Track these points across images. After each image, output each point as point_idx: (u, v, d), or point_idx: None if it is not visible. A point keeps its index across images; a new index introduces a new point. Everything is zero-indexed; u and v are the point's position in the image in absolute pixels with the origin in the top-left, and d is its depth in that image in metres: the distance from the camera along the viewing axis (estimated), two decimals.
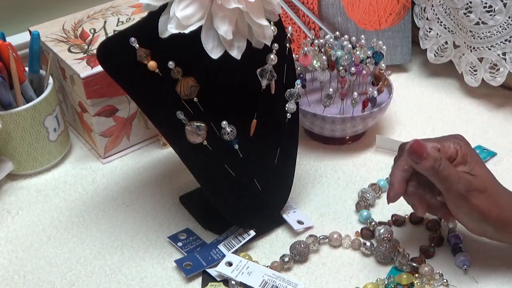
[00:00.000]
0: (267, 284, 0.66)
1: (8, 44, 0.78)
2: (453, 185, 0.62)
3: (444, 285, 0.66)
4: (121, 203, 0.80)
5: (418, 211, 0.66)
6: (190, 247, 0.72)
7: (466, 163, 0.64)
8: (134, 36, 0.63)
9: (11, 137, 0.80)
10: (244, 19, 0.63)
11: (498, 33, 0.88)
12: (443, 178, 0.63)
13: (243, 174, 0.71)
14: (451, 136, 0.68)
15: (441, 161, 0.62)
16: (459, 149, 0.65)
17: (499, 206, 0.63)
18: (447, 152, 0.65)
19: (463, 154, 0.65)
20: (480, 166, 0.65)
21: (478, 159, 0.66)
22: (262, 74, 0.68)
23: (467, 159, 0.65)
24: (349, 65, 0.82)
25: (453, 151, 0.65)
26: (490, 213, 0.63)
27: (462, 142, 0.66)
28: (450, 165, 0.63)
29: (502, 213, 0.63)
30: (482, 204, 0.63)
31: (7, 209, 0.79)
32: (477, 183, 0.63)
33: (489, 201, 0.63)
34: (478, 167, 0.64)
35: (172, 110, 0.66)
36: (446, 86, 1.00)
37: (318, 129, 0.85)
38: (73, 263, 0.72)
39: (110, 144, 0.86)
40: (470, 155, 0.65)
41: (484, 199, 0.63)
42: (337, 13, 0.99)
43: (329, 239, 0.73)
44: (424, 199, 0.67)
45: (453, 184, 0.62)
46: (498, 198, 0.64)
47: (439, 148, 0.65)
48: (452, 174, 0.62)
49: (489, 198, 0.63)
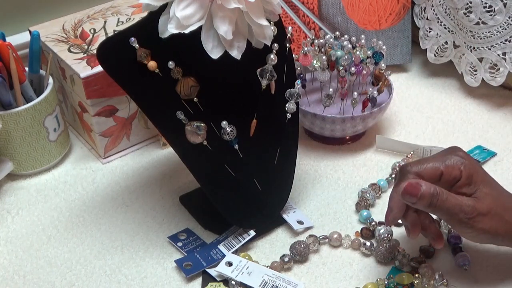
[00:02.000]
0: (267, 284, 0.66)
1: (8, 44, 0.78)
2: (454, 216, 0.61)
3: (444, 285, 0.66)
4: (121, 203, 0.80)
5: (411, 235, 0.65)
6: (190, 247, 0.72)
7: (471, 183, 0.63)
8: (134, 36, 0.64)
9: (11, 137, 0.80)
10: (244, 19, 0.63)
11: (498, 33, 0.88)
12: (443, 211, 0.62)
13: (243, 174, 0.71)
14: (451, 151, 0.65)
15: (438, 196, 0.61)
16: (463, 169, 0.63)
17: (507, 222, 0.62)
18: (450, 174, 0.63)
19: (468, 174, 0.63)
20: (485, 184, 0.63)
21: (483, 176, 0.64)
22: (262, 74, 0.68)
23: (472, 179, 0.63)
24: (349, 65, 0.82)
25: (457, 173, 0.63)
26: (497, 232, 0.62)
27: (466, 161, 0.63)
28: (448, 196, 0.61)
29: (510, 227, 0.62)
30: (487, 226, 0.61)
31: (7, 209, 0.79)
32: (480, 207, 0.61)
33: (494, 220, 0.62)
34: (483, 186, 0.62)
35: (172, 110, 0.66)
36: (446, 86, 1.00)
37: (318, 129, 0.85)
38: (73, 263, 0.72)
39: (110, 144, 0.86)
40: (476, 174, 0.63)
41: (488, 220, 0.61)
42: (337, 13, 0.99)
43: (329, 239, 0.73)
44: (418, 223, 0.65)
45: (454, 214, 0.61)
46: (504, 214, 0.62)
47: (442, 171, 0.63)
48: (451, 205, 0.61)
49: (494, 218, 0.62)
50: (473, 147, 0.86)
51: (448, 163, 0.63)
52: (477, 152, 0.85)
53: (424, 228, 0.66)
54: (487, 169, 0.82)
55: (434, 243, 0.66)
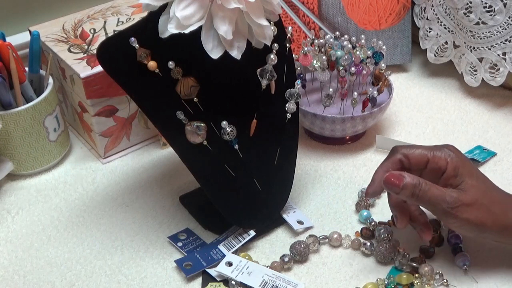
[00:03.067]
0: (267, 284, 0.66)
1: (8, 44, 0.78)
2: (437, 205, 0.62)
3: (444, 285, 0.66)
4: (121, 203, 0.80)
5: (398, 224, 0.67)
6: (190, 247, 0.72)
7: (457, 175, 0.64)
8: (134, 36, 0.64)
9: (11, 137, 0.80)
10: (244, 19, 0.63)
11: (498, 33, 0.88)
12: (425, 202, 0.63)
13: (243, 174, 0.71)
14: (443, 146, 0.67)
15: (420, 186, 0.62)
16: (449, 161, 0.64)
17: (494, 214, 0.63)
18: (437, 162, 0.65)
19: (454, 166, 0.64)
20: (471, 177, 0.64)
21: (470, 169, 0.65)
22: (262, 74, 0.68)
23: (459, 171, 0.64)
24: (349, 65, 0.82)
25: (443, 163, 0.65)
26: (483, 223, 0.62)
27: (453, 153, 0.65)
28: (431, 186, 0.62)
29: (498, 219, 0.63)
30: (472, 216, 0.62)
31: (7, 209, 0.79)
32: (464, 198, 0.62)
33: (480, 211, 0.62)
34: (469, 179, 0.64)
35: (172, 110, 0.66)
36: (446, 86, 1.00)
37: (318, 129, 0.85)
38: (73, 263, 0.72)
39: (110, 144, 0.86)
40: (462, 166, 0.64)
41: (473, 211, 0.62)
42: (337, 13, 0.99)
43: (329, 239, 0.73)
44: (406, 212, 0.67)
45: (437, 204, 0.62)
46: (491, 206, 0.63)
47: (428, 159, 0.65)
48: (434, 195, 0.62)
49: (479, 209, 0.62)
50: (473, 147, 0.86)
51: (436, 153, 0.66)
52: (477, 152, 0.85)
53: (413, 219, 0.68)
54: (487, 169, 0.82)
55: (422, 234, 0.67)
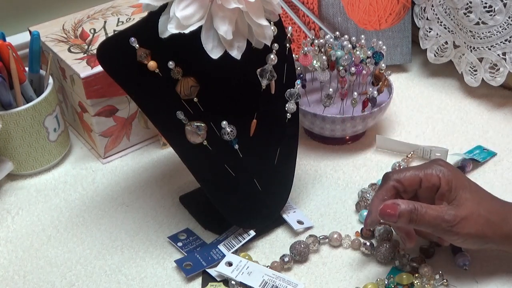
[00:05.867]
0: (267, 284, 0.66)
1: (8, 44, 0.78)
2: (436, 226, 0.62)
3: (444, 285, 0.66)
4: (121, 203, 0.80)
5: (407, 244, 0.67)
6: (190, 247, 0.72)
7: (451, 190, 0.64)
8: (134, 36, 0.64)
9: (11, 137, 0.80)
10: (244, 19, 0.63)
11: (498, 33, 0.88)
12: (424, 224, 0.63)
13: (243, 174, 0.71)
14: (433, 161, 0.67)
15: (416, 211, 0.62)
16: (441, 176, 0.65)
17: (493, 223, 0.63)
18: (429, 180, 0.65)
19: (447, 180, 0.64)
20: (464, 190, 0.64)
21: (463, 181, 0.65)
22: (262, 74, 0.68)
23: (452, 184, 0.64)
24: (349, 65, 0.82)
25: (436, 179, 0.65)
26: (484, 234, 0.63)
27: (444, 168, 0.65)
28: (427, 209, 0.62)
29: (498, 228, 0.63)
30: (473, 230, 0.62)
31: (7, 209, 0.79)
32: (461, 213, 0.62)
33: (479, 223, 0.62)
34: (463, 192, 0.64)
35: (172, 110, 0.66)
36: (446, 86, 1.00)
37: (318, 129, 0.85)
38: (73, 263, 0.72)
39: (110, 144, 0.86)
40: (455, 179, 0.64)
41: (472, 224, 0.62)
42: (337, 13, 0.99)
43: (329, 239, 0.73)
44: (412, 232, 0.67)
45: (437, 225, 0.62)
46: (489, 216, 0.63)
47: (421, 178, 0.65)
48: (432, 217, 0.62)
49: (478, 221, 0.62)
50: (473, 147, 0.86)
51: (427, 171, 0.65)
52: (477, 152, 0.84)
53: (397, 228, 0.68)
54: (487, 169, 0.82)
55: (404, 242, 0.67)
